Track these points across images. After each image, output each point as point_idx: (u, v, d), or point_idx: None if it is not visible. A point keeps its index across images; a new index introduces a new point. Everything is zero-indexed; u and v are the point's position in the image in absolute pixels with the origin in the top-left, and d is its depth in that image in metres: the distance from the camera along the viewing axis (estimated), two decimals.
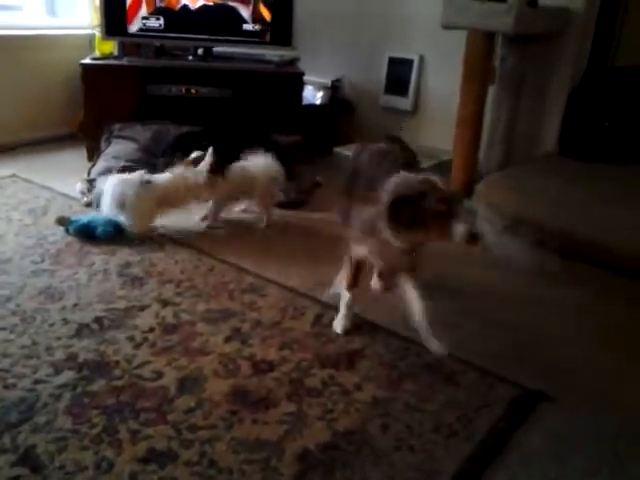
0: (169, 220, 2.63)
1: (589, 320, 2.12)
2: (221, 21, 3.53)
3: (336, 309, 1.97)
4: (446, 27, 2.99)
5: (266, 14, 3.54)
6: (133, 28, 3.44)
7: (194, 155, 2.59)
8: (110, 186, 2.46)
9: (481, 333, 1.97)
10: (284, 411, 1.55)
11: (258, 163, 2.70)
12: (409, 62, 3.79)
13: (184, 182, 2.51)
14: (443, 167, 3.41)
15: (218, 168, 2.54)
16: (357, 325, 1.96)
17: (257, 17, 3.55)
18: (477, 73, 3.01)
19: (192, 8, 3.48)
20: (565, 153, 3.25)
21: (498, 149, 3.22)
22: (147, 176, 2.49)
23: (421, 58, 3.76)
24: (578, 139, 3.22)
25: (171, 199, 2.50)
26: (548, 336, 1.99)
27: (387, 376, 1.71)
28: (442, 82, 3.64)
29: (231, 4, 3.51)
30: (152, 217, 2.53)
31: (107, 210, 2.48)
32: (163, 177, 2.52)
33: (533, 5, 2.89)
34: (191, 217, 2.71)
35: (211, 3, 3.49)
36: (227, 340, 1.84)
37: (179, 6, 3.46)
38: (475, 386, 1.69)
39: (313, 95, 4.02)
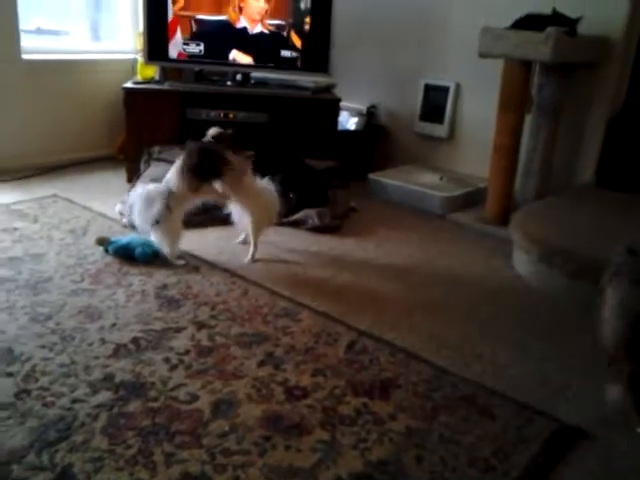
0: (205, 243, 2.67)
1: None
2: (263, 48, 3.61)
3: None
4: (483, 55, 3.01)
5: (297, 42, 3.61)
6: (173, 52, 3.54)
7: (212, 131, 2.57)
8: (137, 199, 2.47)
9: (517, 365, 1.94)
10: (317, 439, 1.54)
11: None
12: (445, 89, 3.81)
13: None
14: (478, 195, 3.41)
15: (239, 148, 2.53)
16: (391, 353, 1.95)
17: (291, 44, 3.61)
18: (514, 102, 3.01)
19: (250, 31, 3.58)
20: (602, 184, 3.21)
21: (535, 178, 3.20)
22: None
23: (457, 85, 3.77)
24: (616, 169, 3.19)
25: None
26: (583, 369, 1.95)
27: (421, 407, 1.70)
28: (478, 110, 3.64)
29: (276, 30, 3.60)
30: (179, 233, 2.52)
31: (138, 222, 2.49)
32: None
33: (572, 34, 2.88)
34: (227, 240, 2.74)
35: (267, 31, 3.57)
36: (260, 364, 1.85)
37: (240, 26, 3.56)
38: (512, 420, 1.66)
39: (348, 121, 4.05)
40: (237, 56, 3.62)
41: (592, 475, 1.49)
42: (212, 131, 2.57)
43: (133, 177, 3.32)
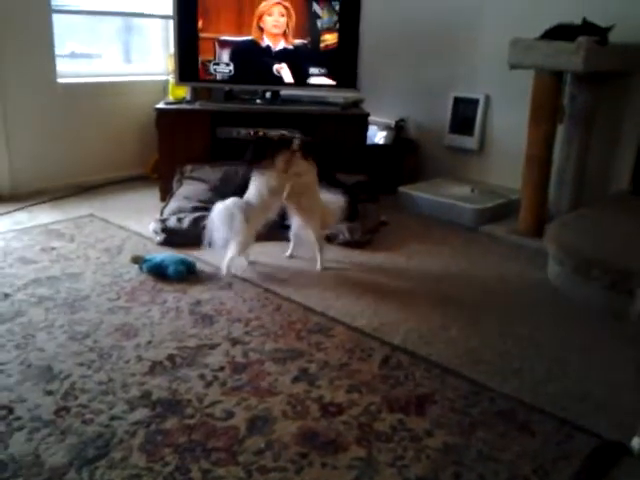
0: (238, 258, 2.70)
1: None
2: (293, 63, 3.65)
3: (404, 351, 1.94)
4: (513, 67, 2.99)
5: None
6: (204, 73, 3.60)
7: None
8: (217, 214, 2.51)
9: (556, 380, 1.91)
10: (354, 456, 1.53)
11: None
12: (475, 101, 3.79)
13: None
14: (511, 206, 3.37)
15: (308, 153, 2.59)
16: (426, 368, 1.93)
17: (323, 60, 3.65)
18: (545, 112, 2.99)
19: (273, 49, 3.61)
20: (638, 193, 3.15)
21: (568, 189, 3.16)
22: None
23: (487, 97, 3.76)
24: None
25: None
26: (624, 383, 1.91)
27: (458, 423, 1.67)
28: (508, 121, 3.62)
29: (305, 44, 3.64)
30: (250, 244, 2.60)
31: (217, 235, 2.51)
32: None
33: (603, 43, 2.84)
34: (258, 255, 2.76)
35: (291, 46, 3.62)
36: (295, 381, 1.85)
37: (264, 44, 3.60)
38: (551, 436, 1.63)
39: (377, 135, 4.06)
40: (281, 71, 3.67)
41: None
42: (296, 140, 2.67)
43: (166, 196, 3.37)
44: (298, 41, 3.61)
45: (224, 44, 3.58)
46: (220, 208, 2.51)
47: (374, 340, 2.11)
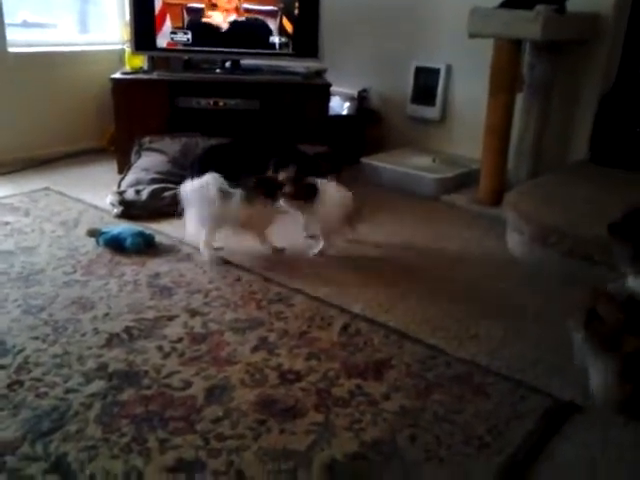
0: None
1: None
2: (249, 34, 3.58)
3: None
4: (473, 36, 2.99)
5: (289, 27, 3.57)
6: (161, 42, 3.51)
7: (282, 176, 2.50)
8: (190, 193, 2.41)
9: (510, 344, 1.94)
10: (311, 421, 1.54)
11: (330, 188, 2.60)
12: (436, 71, 3.78)
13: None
14: (471, 176, 3.39)
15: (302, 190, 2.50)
16: (384, 334, 1.95)
17: (282, 30, 3.58)
18: (505, 81, 3.00)
19: (222, 23, 3.53)
20: (596, 161, 3.20)
21: (527, 158, 3.19)
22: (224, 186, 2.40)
23: (448, 67, 3.75)
24: (609, 146, 3.17)
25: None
26: None
27: (415, 386, 1.69)
28: (470, 91, 3.62)
29: (260, 17, 3.55)
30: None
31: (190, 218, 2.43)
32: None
33: (561, 12, 2.86)
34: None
35: (242, 18, 3.54)
36: (254, 350, 1.85)
37: (214, 20, 3.52)
38: (505, 397, 1.66)
39: (340, 105, 4.03)
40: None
41: (587, 448, 1.49)
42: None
43: (124, 168, 3.30)
44: (265, 9, 3.54)
45: (189, 12, 3.49)
46: (193, 186, 2.40)
47: (334, 308, 2.11)
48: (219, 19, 3.52)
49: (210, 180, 2.37)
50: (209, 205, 2.35)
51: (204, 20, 3.52)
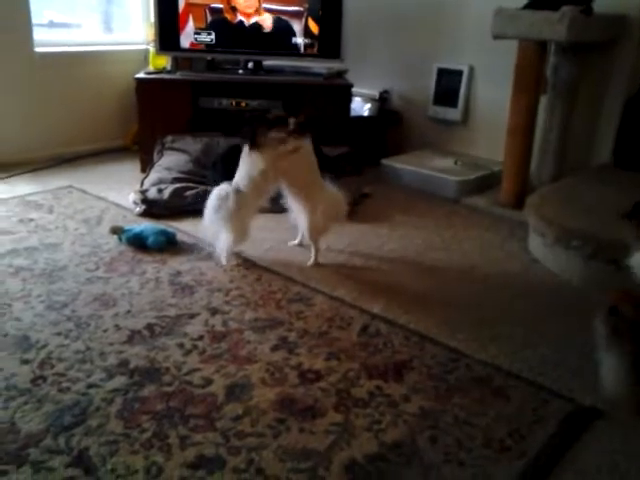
0: None
1: None
2: (272, 35, 3.59)
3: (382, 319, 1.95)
4: (497, 37, 2.96)
5: (314, 28, 3.58)
6: (185, 43, 3.53)
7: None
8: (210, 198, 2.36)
9: (533, 347, 1.92)
10: (331, 421, 1.54)
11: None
12: (459, 73, 3.76)
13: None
14: (493, 178, 3.37)
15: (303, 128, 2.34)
16: (404, 336, 1.94)
17: (307, 31, 3.59)
18: (528, 83, 2.97)
19: (246, 24, 3.55)
20: (619, 164, 3.16)
21: (550, 160, 3.16)
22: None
23: (471, 68, 3.73)
24: (633, 150, 3.13)
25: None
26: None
27: (435, 388, 1.69)
28: (492, 92, 3.60)
29: (284, 18, 3.57)
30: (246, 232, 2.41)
31: (209, 223, 2.37)
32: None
33: (587, 13, 2.82)
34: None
35: (265, 18, 3.55)
36: (274, 349, 1.85)
37: (236, 21, 3.54)
38: (527, 401, 1.65)
39: (361, 107, 4.03)
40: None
41: (608, 455, 1.47)
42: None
43: (147, 167, 3.32)
44: (289, 10, 3.55)
45: (211, 12, 3.52)
46: (212, 195, 2.35)
47: (354, 309, 2.11)
48: (242, 20, 3.54)
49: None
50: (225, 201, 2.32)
51: (227, 21, 3.53)
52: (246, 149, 2.34)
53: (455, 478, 1.38)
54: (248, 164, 2.34)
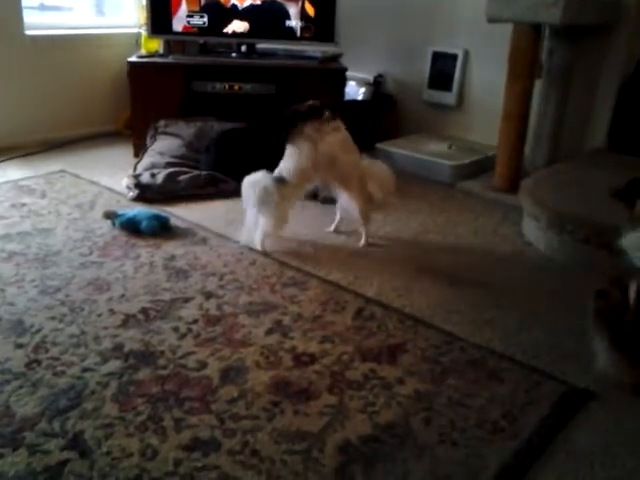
0: (212, 215, 2.66)
1: None
2: (266, 18, 3.56)
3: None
4: (491, 20, 2.95)
5: (311, 11, 3.55)
6: (177, 26, 3.50)
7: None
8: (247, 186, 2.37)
9: (527, 330, 1.93)
10: (325, 403, 1.55)
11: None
12: (453, 57, 3.74)
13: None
14: (488, 163, 3.37)
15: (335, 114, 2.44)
16: (399, 319, 1.95)
17: (303, 14, 3.56)
18: (523, 67, 2.96)
19: (240, 7, 3.51)
20: (614, 148, 3.16)
21: (545, 144, 3.16)
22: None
23: (466, 52, 3.71)
24: (628, 134, 3.13)
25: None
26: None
27: (430, 371, 1.69)
28: (487, 76, 3.59)
29: (279, 1, 3.53)
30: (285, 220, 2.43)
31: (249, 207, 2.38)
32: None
33: None
34: (235, 212, 2.73)
35: (259, 2, 3.52)
36: (269, 332, 1.85)
37: (229, 4, 3.50)
38: (520, 383, 1.66)
39: (355, 91, 4.01)
40: (236, 28, 3.57)
41: (601, 436, 1.48)
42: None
43: (139, 151, 3.31)
44: None
45: None
46: (250, 184, 2.35)
47: (348, 293, 2.11)
48: (236, 3, 3.50)
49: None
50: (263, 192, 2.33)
51: (220, 3, 3.50)
52: (290, 144, 2.40)
53: (448, 458, 1.39)
54: (293, 156, 2.39)
